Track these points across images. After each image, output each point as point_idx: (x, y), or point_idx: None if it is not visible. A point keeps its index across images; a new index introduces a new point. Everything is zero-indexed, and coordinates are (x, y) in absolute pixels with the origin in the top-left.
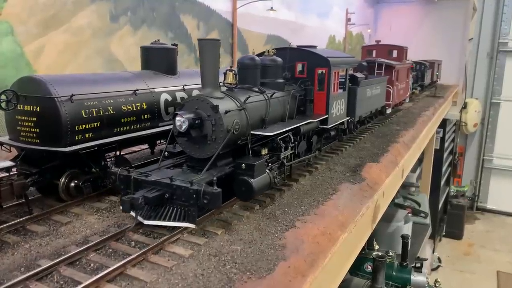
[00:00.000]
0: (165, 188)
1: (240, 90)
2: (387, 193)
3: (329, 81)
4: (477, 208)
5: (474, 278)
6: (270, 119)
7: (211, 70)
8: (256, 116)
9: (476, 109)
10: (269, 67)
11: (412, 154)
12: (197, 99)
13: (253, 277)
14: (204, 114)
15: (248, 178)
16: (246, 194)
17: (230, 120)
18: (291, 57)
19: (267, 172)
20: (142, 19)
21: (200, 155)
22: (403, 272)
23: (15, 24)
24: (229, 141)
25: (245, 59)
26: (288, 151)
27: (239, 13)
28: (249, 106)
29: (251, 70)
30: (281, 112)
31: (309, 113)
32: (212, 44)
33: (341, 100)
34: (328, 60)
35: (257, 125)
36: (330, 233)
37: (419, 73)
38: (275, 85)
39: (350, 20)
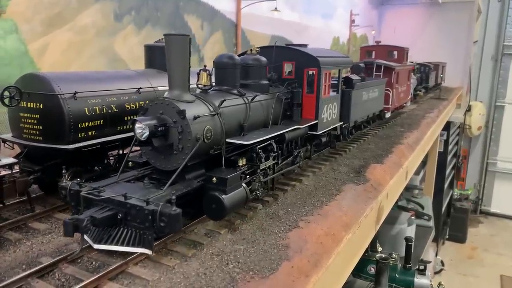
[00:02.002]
0: (118, 207)
1: (216, 92)
2: (391, 195)
3: (319, 82)
4: (480, 211)
5: (477, 282)
6: (250, 125)
7: (180, 70)
8: (233, 122)
9: (480, 112)
10: (252, 67)
11: (416, 156)
12: (162, 102)
13: (256, 277)
14: (170, 120)
15: (219, 194)
16: (216, 212)
17: (200, 127)
18: (277, 56)
19: (243, 186)
20: (146, 19)
21: (166, 167)
22: (407, 274)
23: (19, 22)
24: (199, 150)
25: (222, 57)
26: (270, 161)
27: (243, 14)
28: (225, 111)
29: (230, 70)
30: (264, 117)
31: (296, 118)
32: (180, 40)
33: (334, 104)
34: (318, 59)
35: (234, 132)
36: (334, 234)
37: (424, 75)
38: (259, 87)
39: (354, 22)
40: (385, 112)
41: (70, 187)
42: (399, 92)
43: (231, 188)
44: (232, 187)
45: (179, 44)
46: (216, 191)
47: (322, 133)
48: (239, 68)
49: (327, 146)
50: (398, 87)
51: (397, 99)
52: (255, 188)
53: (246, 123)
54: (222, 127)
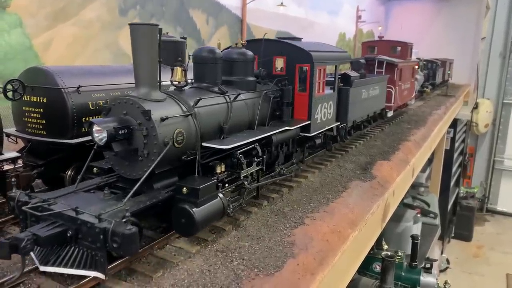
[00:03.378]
0: (68, 223)
1: (193, 90)
2: (398, 192)
3: (312, 79)
4: (487, 210)
5: (483, 281)
6: (232, 127)
7: (147, 65)
8: (210, 123)
9: (488, 110)
10: (237, 62)
11: (423, 153)
12: (126, 101)
13: (261, 274)
14: (134, 122)
15: (189, 206)
16: (186, 228)
17: (169, 130)
18: (267, 50)
19: (220, 197)
20: (151, 13)
21: (131, 175)
22: (413, 272)
23: (24, 16)
24: (168, 156)
25: (201, 51)
26: (253, 167)
27: (249, 9)
28: (201, 111)
29: (210, 66)
30: (249, 117)
31: (286, 118)
32: (147, 31)
33: (329, 102)
34: (311, 54)
35: (212, 135)
36: (340, 231)
37: (431, 72)
38: (244, 84)
39: (360, 18)
40: (387, 111)
41: (18, 198)
42: (402, 89)
43: (204, 200)
44: (205, 199)
45: (146, 35)
46: (186, 204)
47: (316, 134)
48: (221, 63)
49: (323, 148)
50: (401, 85)
51: (400, 97)
52: (233, 200)
53: (227, 124)
54: (197, 129)
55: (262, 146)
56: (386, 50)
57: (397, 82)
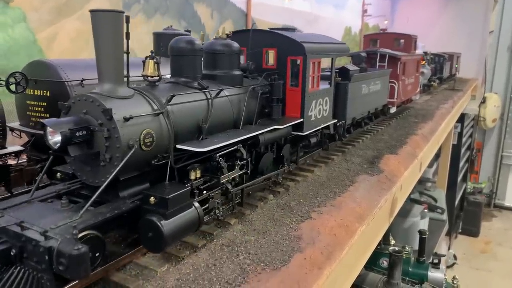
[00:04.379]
0: (13, 240)
1: (168, 85)
2: (405, 187)
3: (304, 73)
4: (494, 205)
5: (490, 276)
6: (214, 127)
7: (111, 57)
8: (187, 122)
9: (496, 104)
10: (220, 55)
11: (430, 147)
12: (86, 99)
13: (267, 269)
14: (94, 122)
15: (157, 219)
16: (153, 243)
17: (134, 131)
18: (256, 42)
19: (195, 206)
20: (155, 8)
21: (94, 181)
22: (420, 268)
23: (27, 10)
24: (134, 161)
25: (178, 42)
26: (235, 171)
27: (254, 3)
28: (175, 109)
29: (188, 58)
30: (234, 115)
31: (276, 116)
32: (111, 18)
33: (325, 98)
34: (303, 46)
35: (189, 135)
36: (347, 225)
37: (438, 66)
38: (229, 79)
39: (366, 12)
40: (390, 107)
41: None
42: (406, 84)
43: (175, 211)
44: (176, 209)
45: (109, 24)
46: (154, 215)
47: (310, 133)
48: (201, 55)
49: (319, 147)
50: (404, 79)
51: (404, 92)
52: (214, 207)
53: (206, 123)
54: (169, 129)
55: (249, 147)
56: (389, 43)
57: (400, 77)
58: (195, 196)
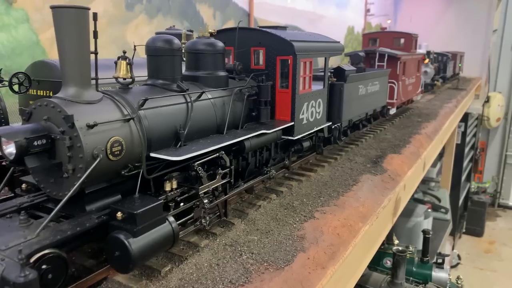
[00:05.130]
0: None
1: (143, 88)
2: (409, 186)
3: (294, 74)
4: (498, 205)
5: (495, 276)
6: (194, 132)
7: (76, 58)
8: (163, 128)
9: (499, 103)
10: (203, 55)
11: (434, 147)
12: (47, 104)
13: (271, 268)
14: (56, 130)
15: (124, 237)
16: (120, 262)
17: (100, 139)
18: (243, 41)
19: (169, 221)
20: (157, 8)
21: (57, 195)
22: (424, 268)
23: (30, 11)
24: (100, 172)
25: (155, 41)
26: (216, 181)
27: (256, 3)
28: (149, 114)
29: (166, 59)
30: (218, 120)
31: (265, 119)
32: (75, 15)
33: (318, 100)
34: (292, 44)
35: (166, 142)
36: (350, 225)
37: (441, 65)
38: (213, 81)
39: (369, 11)
40: (389, 108)
41: None
42: (406, 84)
43: (145, 227)
44: (147, 225)
45: (73, 21)
46: (121, 232)
47: (302, 137)
48: (180, 54)
49: (312, 151)
50: (405, 79)
51: (404, 92)
52: (200, 216)
53: (184, 129)
54: (141, 136)
55: (235, 153)
56: (388, 42)
57: (400, 77)
58: (170, 209)
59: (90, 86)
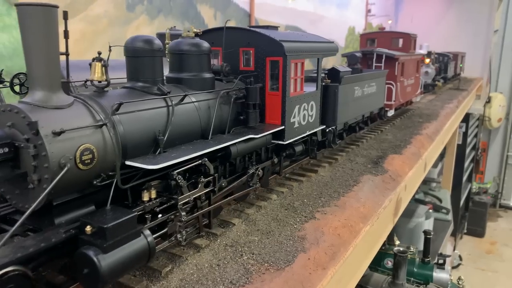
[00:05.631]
0: None
1: (120, 92)
2: (410, 187)
3: (285, 76)
4: (500, 205)
5: (496, 277)
6: (175, 138)
7: (43, 60)
8: (140, 134)
9: (501, 104)
10: (188, 56)
11: (435, 147)
12: (10, 109)
13: (271, 269)
14: (20, 137)
15: (93, 253)
16: (89, 280)
17: (68, 147)
18: (231, 41)
19: (144, 235)
20: (158, 9)
21: (23, 206)
22: (425, 268)
23: None
24: (69, 182)
25: (134, 41)
26: (198, 190)
27: (257, 3)
28: (125, 119)
29: (146, 60)
30: (202, 124)
31: (253, 123)
32: (41, 13)
33: (310, 103)
34: (282, 45)
35: (144, 149)
36: (351, 225)
37: (442, 65)
38: (198, 83)
39: (370, 11)
40: (387, 110)
41: None
42: (404, 86)
43: (116, 242)
44: (119, 240)
45: (39, 20)
46: (90, 248)
47: (293, 142)
48: (161, 55)
49: (305, 156)
50: (403, 80)
51: (402, 94)
52: (175, 230)
53: (165, 135)
54: (114, 144)
55: (221, 159)
56: (387, 42)
57: (399, 78)
58: (147, 221)
59: (60, 90)
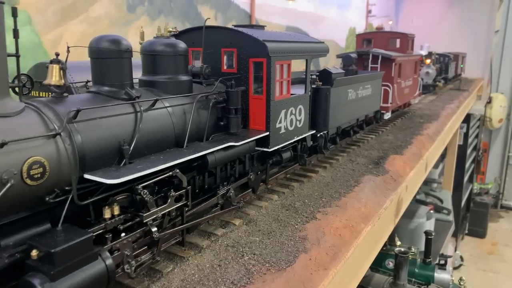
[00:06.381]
0: None
1: (82, 97)
2: (411, 187)
3: (269, 78)
4: (501, 206)
5: (498, 278)
6: (144, 147)
7: None
8: (102, 144)
9: (502, 104)
10: (162, 57)
11: (436, 148)
12: None
13: (272, 269)
14: None
15: (38, 281)
16: None
17: (12, 160)
18: (212, 41)
19: (101, 258)
20: (159, 10)
21: None
22: (427, 269)
23: (33, 13)
24: (14, 200)
25: (99, 41)
26: (168, 205)
27: (258, 4)
28: (83, 128)
29: (112, 62)
30: (176, 131)
31: (235, 129)
32: None
33: (298, 107)
34: (265, 45)
35: (107, 161)
36: (352, 226)
37: (443, 66)
38: (173, 86)
39: (371, 12)
40: (383, 113)
41: None
42: (402, 87)
43: (67, 268)
44: (71, 265)
45: None
46: (36, 276)
47: (280, 148)
48: (129, 57)
49: (295, 162)
50: (400, 82)
51: (400, 96)
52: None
53: (130, 144)
54: (70, 155)
55: (198, 169)
56: (383, 43)
57: (395, 79)
58: (106, 241)
59: (7, 96)
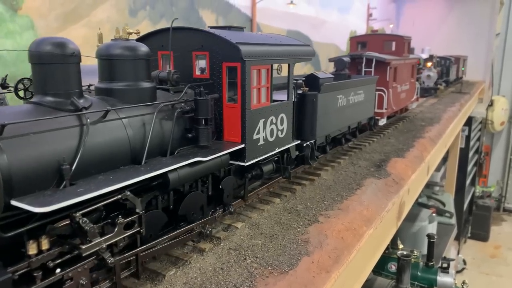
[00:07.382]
0: None
1: (16, 109)
2: (413, 190)
3: (243, 84)
4: (504, 209)
5: (501, 281)
6: (91, 165)
7: None
8: (35, 164)
9: (503, 107)
10: (120, 62)
11: (438, 151)
12: None
13: (275, 272)
14: None
15: None
16: None
17: None
18: (183, 44)
19: None
20: (161, 14)
21: None
22: (429, 272)
23: (35, 18)
24: None
25: (42, 44)
26: (115, 234)
27: (259, 8)
28: (11, 145)
29: (57, 67)
30: (133, 146)
31: (205, 142)
32: None
33: (279, 115)
34: (239, 48)
35: (42, 182)
36: (355, 229)
37: (444, 69)
38: (133, 94)
39: (371, 15)
40: (378, 119)
41: None
42: (397, 92)
43: None
44: None
45: None
46: None
47: (260, 161)
48: (76, 61)
49: (278, 175)
50: (396, 86)
51: (395, 101)
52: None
53: (72, 163)
54: None
55: (159, 190)
56: (378, 46)
57: (391, 84)
58: (35, 281)
59: None
